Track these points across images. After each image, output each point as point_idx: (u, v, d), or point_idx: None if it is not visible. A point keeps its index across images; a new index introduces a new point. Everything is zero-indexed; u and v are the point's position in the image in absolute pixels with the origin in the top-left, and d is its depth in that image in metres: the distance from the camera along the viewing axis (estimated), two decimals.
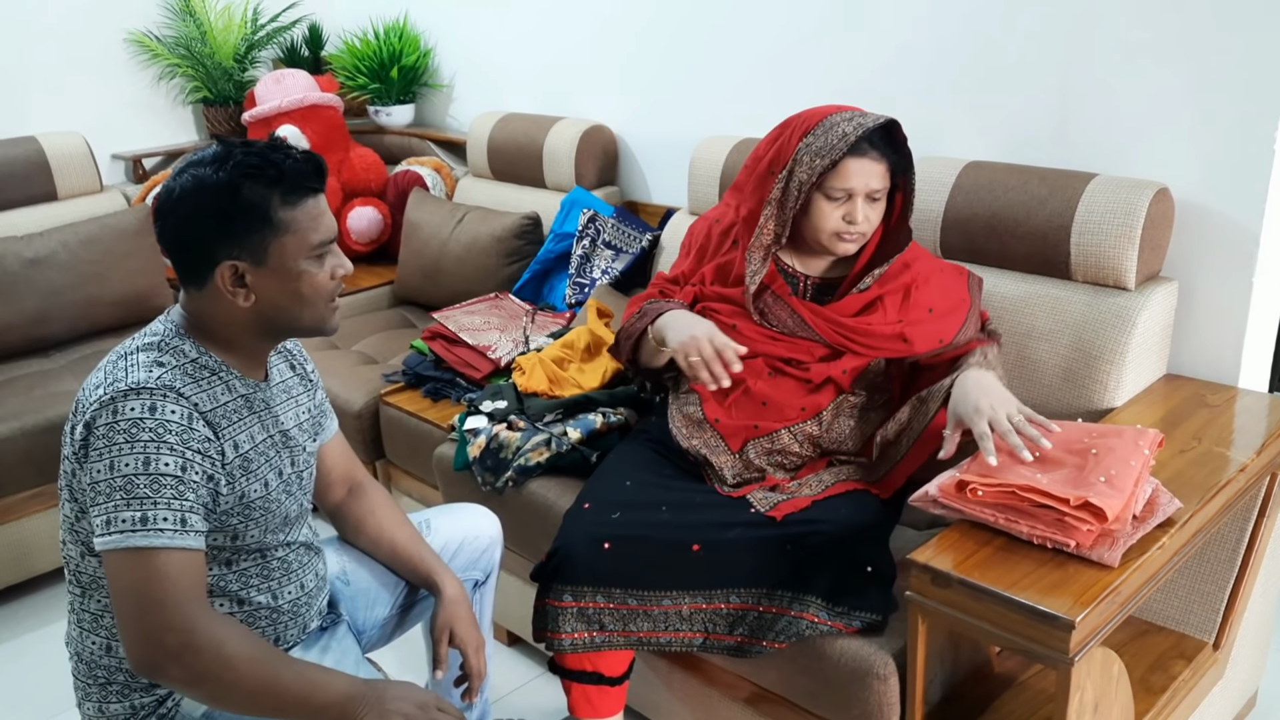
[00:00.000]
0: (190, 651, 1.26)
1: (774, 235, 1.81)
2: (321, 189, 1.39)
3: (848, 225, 1.77)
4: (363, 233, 3.50)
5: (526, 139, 3.09)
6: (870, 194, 1.76)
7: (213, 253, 1.34)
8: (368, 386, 2.68)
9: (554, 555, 1.72)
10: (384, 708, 1.33)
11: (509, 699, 2.22)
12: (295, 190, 1.35)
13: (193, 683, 1.29)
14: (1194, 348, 1.96)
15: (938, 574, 1.39)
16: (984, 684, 1.66)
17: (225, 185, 1.32)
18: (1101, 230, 1.86)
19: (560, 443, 2.09)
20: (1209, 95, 1.85)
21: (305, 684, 1.32)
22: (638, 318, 1.94)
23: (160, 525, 1.27)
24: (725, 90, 2.70)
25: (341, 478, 1.71)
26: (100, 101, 3.52)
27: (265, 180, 1.33)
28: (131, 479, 1.27)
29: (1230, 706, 1.93)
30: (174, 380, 1.33)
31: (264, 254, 1.35)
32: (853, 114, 1.75)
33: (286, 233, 1.35)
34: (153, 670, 1.28)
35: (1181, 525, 1.45)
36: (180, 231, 1.36)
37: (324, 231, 1.38)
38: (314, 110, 3.41)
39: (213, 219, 1.33)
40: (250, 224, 1.33)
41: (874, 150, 1.74)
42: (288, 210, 1.35)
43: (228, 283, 1.35)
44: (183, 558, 1.28)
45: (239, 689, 1.30)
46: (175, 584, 1.27)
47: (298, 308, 1.40)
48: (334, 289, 1.43)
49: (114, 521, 1.27)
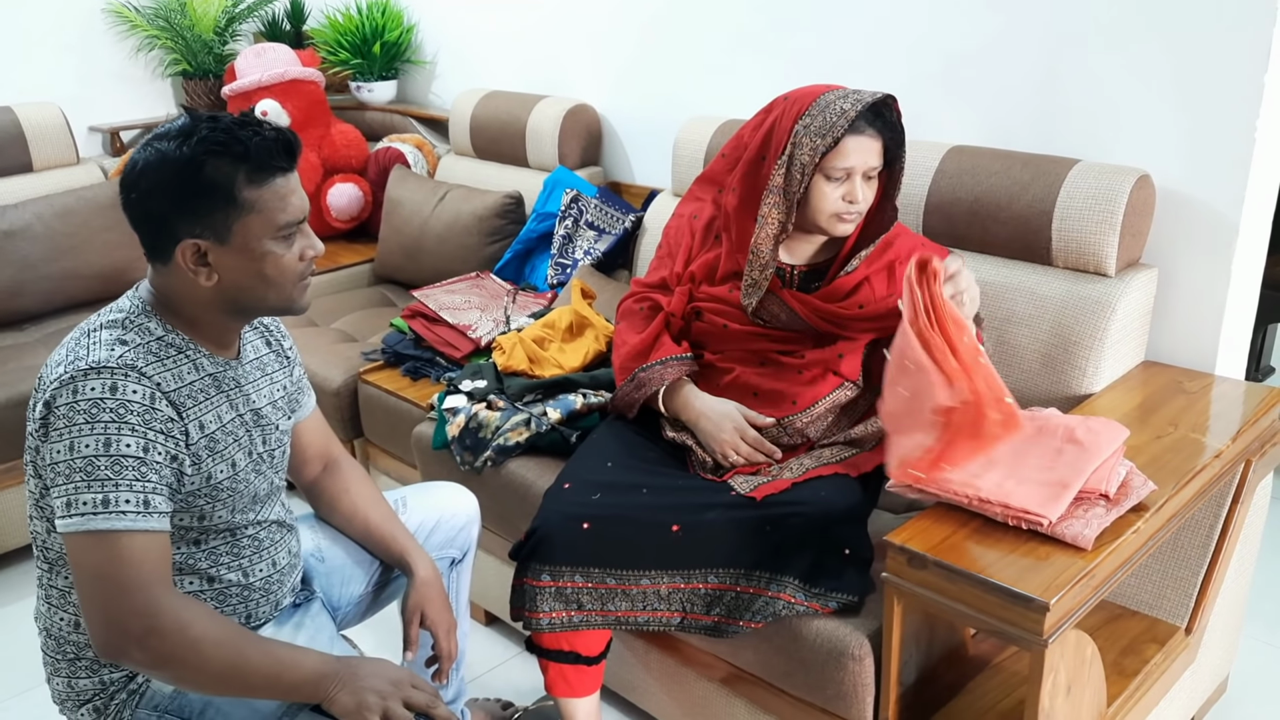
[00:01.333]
0: (154, 635, 1.25)
1: (779, 224, 1.78)
2: (291, 168, 1.34)
3: (848, 205, 1.75)
4: (343, 210, 3.47)
5: (510, 117, 3.06)
6: (868, 172, 1.75)
7: (174, 229, 1.31)
8: (347, 364, 2.66)
9: (533, 534, 1.72)
10: (357, 685, 1.32)
11: (486, 678, 2.22)
12: (262, 169, 1.30)
13: (158, 665, 1.28)
14: (1172, 335, 1.97)
15: (914, 556, 1.40)
16: (959, 666, 1.67)
17: (188, 161, 1.28)
18: (1083, 216, 1.86)
19: (540, 423, 2.08)
20: (1191, 83, 1.86)
21: (274, 663, 1.31)
22: (633, 387, 1.89)
23: (122, 508, 1.25)
24: (710, 71, 2.69)
25: (317, 455, 1.70)
26: (78, 72, 3.48)
27: (230, 158, 1.29)
28: (92, 460, 1.24)
29: (1201, 690, 1.95)
30: (136, 359, 1.30)
31: (227, 233, 1.31)
32: (846, 91, 1.74)
33: (251, 212, 1.31)
34: (117, 654, 1.27)
35: (1156, 510, 1.46)
36: (142, 206, 1.32)
37: (292, 212, 1.34)
38: (295, 85, 3.38)
39: (174, 195, 1.29)
40: (213, 202, 1.29)
41: (871, 127, 1.73)
42: (253, 190, 1.30)
43: (189, 261, 1.32)
44: (146, 540, 1.26)
45: (206, 671, 1.29)
46: (138, 567, 1.25)
47: (262, 288, 1.36)
48: (302, 270, 1.38)
49: (75, 504, 1.24)
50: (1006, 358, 1.96)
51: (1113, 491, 1.45)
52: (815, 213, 1.77)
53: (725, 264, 1.87)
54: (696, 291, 1.91)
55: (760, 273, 1.80)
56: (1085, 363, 1.86)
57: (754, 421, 1.81)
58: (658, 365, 1.87)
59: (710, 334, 1.89)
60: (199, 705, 1.40)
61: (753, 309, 1.83)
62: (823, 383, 1.82)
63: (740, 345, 1.86)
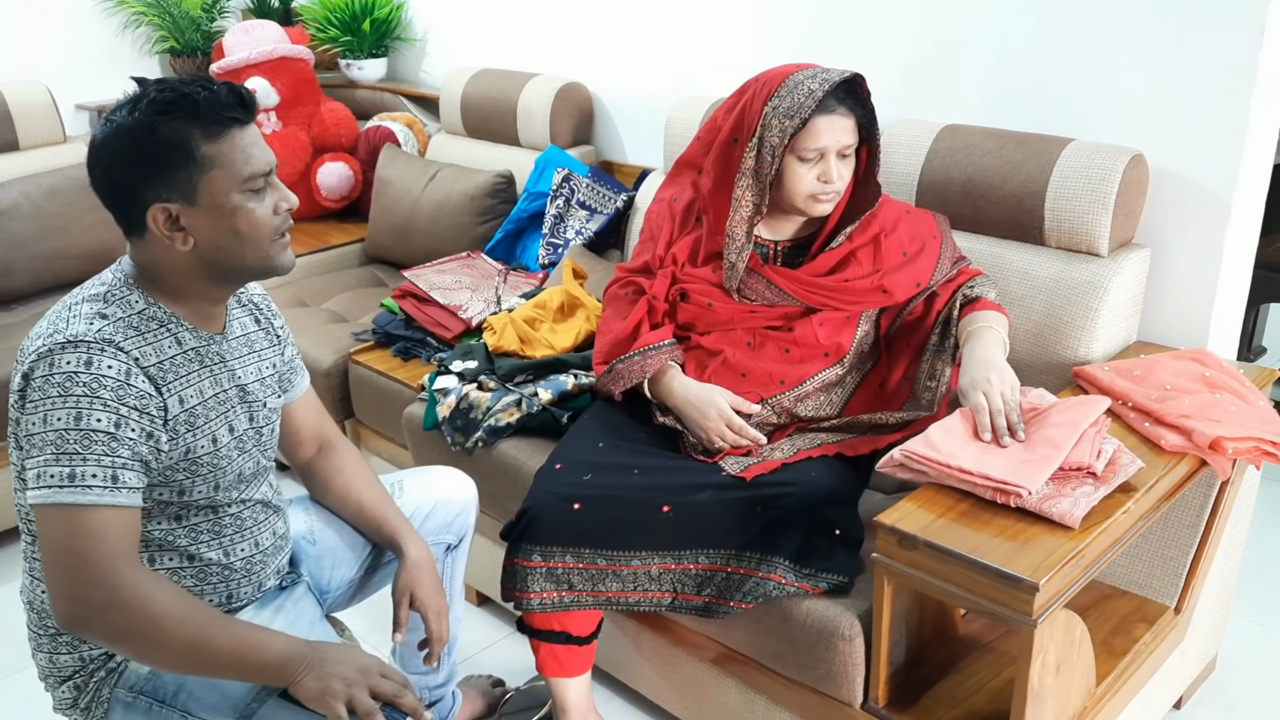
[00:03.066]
0: (114, 608, 1.25)
1: (753, 206, 1.78)
2: (248, 120, 1.33)
3: (824, 185, 1.75)
4: (333, 189, 3.44)
5: (501, 95, 3.04)
6: (841, 151, 1.74)
7: (141, 197, 1.30)
8: (337, 345, 2.65)
9: (524, 515, 1.72)
10: (323, 670, 1.32)
11: (477, 658, 2.23)
12: (216, 122, 1.29)
13: (118, 639, 1.28)
14: (1164, 315, 1.97)
15: (904, 536, 1.39)
16: (949, 646, 1.68)
17: (141, 125, 1.27)
18: (1076, 196, 1.86)
19: (531, 403, 2.08)
20: (1185, 62, 1.84)
21: (240, 644, 1.31)
22: (610, 379, 1.88)
23: (89, 482, 1.25)
24: (703, 50, 2.67)
25: (311, 435, 1.69)
26: (64, 50, 3.44)
27: (182, 115, 1.28)
28: (63, 434, 1.25)
29: (1190, 670, 1.96)
30: (114, 334, 1.30)
31: (193, 192, 1.30)
32: (815, 71, 1.73)
33: (213, 167, 1.30)
34: (77, 625, 1.27)
35: (1146, 490, 1.46)
36: (107, 180, 1.32)
37: (255, 164, 1.33)
38: (284, 63, 3.34)
39: (134, 162, 1.29)
40: (173, 162, 1.28)
41: (841, 106, 1.72)
42: (211, 144, 1.29)
43: (162, 226, 1.31)
44: (111, 515, 1.26)
45: (167, 647, 1.28)
46: (101, 540, 1.25)
47: (238, 246, 1.35)
48: (278, 224, 1.37)
49: (43, 476, 1.25)
50: None
51: (1099, 468, 1.45)
52: (791, 194, 1.76)
53: (707, 245, 1.87)
54: (680, 274, 1.90)
55: (737, 255, 1.80)
56: (1077, 343, 1.86)
57: (740, 408, 1.80)
58: (636, 356, 1.86)
59: (697, 315, 1.88)
60: (172, 687, 1.40)
61: (735, 288, 1.82)
62: (811, 362, 1.81)
63: (727, 325, 1.86)
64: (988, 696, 1.58)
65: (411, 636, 1.63)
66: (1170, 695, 1.92)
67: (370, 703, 1.31)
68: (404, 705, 1.35)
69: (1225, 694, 2.07)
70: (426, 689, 1.87)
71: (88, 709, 1.43)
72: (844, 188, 1.77)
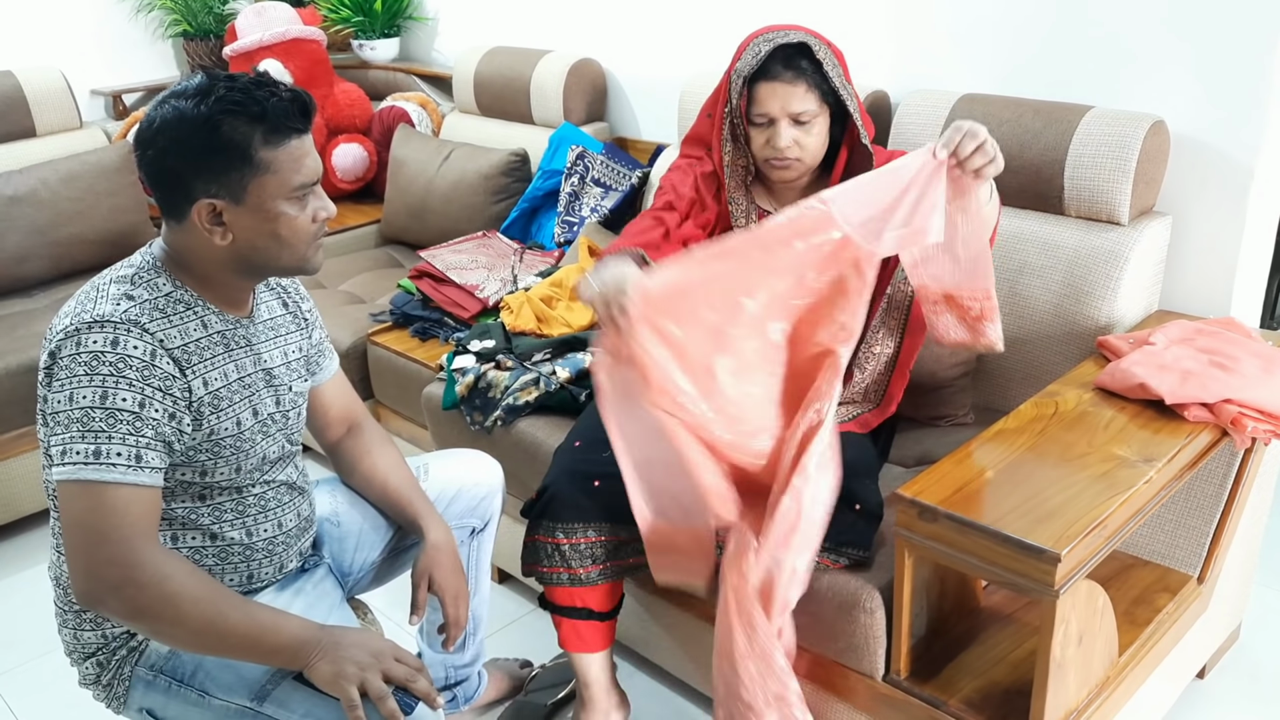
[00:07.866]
0: (131, 585, 1.27)
1: (743, 169, 1.77)
2: (306, 130, 1.36)
3: (774, 151, 1.70)
4: (348, 170, 3.45)
5: (514, 73, 3.03)
6: (794, 117, 1.67)
7: (190, 188, 1.32)
8: (355, 326, 2.66)
9: (544, 492, 1.72)
10: (337, 654, 1.32)
11: (499, 634, 2.24)
12: (278, 130, 1.32)
13: (133, 616, 1.30)
14: (1186, 283, 1.95)
15: (924, 509, 1.39)
16: (970, 617, 1.68)
17: (205, 120, 1.29)
18: (1095, 164, 1.84)
19: (549, 382, 2.08)
20: (1205, 27, 1.82)
21: (254, 625, 1.32)
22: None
23: (113, 460, 1.27)
24: (716, 24, 2.65)
25: (340, 417, 1.70)
26: (78, 35, 3.44)
27: (247, 118, 1.30)
28: (88, 411, 1.27)
29: (1213, 639, 1.96)
30: (140, 315, 1.31)
31: (242, 193, 1.32)
32: (772, 34, 1.68)
33: (266, 173, 1.32)
34: (94, 601, 1.29)
35: (1169, 460, 1.45)
36: (159, 164, 1.33)
37: (306, 174, 1.35)
38: (296, 44, 3.34)
39: (191, 154, 1.30)
40: (229, 162, 1.30)
41: (787, 71, 1.65)
42: (269, 150, 1.31)
43: (205, 220, 1.33)
44: (133, 493, 1.28)
45: (182, 626, 1.30)
46: (122, 518, 1.27)
47: (275, 248, 1.37)
48: (315, 231, 1.40)
49: (68, 453, 1.27)
50: (1019, 308, 1.94)
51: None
52: (757, 160, 1.74)
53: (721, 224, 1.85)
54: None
55: (745, 220, 1.79)
56: (1098, 313, 1.84)
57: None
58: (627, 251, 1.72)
59: None
60: (190, 667, 1.42)
61: None
62: None
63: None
64: (1009, 668, 1.58)
65: (435, 618, 1.64)
66: (1193, 665, 1.92)
67: (382, 686, 1.31)
68: (416, 690, 1.35)
69: (1248, 663, 2.06)
70: (453, 668, 1.89)
71: (110, 685, 1.45)
72: (806, 155, 1.70)
